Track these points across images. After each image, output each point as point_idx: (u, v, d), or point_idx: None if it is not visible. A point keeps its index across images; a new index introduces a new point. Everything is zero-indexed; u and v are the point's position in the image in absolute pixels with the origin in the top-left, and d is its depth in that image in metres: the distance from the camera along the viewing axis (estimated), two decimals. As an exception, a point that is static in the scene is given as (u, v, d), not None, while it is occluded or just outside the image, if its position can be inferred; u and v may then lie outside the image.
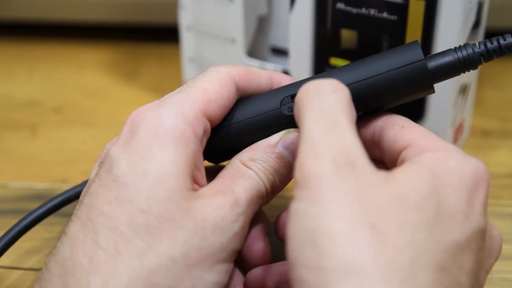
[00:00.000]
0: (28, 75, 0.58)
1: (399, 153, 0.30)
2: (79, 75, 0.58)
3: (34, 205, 0.42)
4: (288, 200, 0.39)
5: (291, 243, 0.25)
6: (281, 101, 0.33)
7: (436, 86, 0.33)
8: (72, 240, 0.28)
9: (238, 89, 0.33)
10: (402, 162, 0.29)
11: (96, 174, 0.30)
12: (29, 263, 0.39)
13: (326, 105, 0.28)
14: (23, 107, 0.54)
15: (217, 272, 0.29)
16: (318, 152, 0.26)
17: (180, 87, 0.32)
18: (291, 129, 0.33)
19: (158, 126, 0.29)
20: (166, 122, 0.29)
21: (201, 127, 0.30)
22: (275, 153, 0.32)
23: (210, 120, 0.31)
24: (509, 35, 0.33)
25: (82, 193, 0.31)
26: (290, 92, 0.33)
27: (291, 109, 0.33)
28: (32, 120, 0.52)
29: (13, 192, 0.45)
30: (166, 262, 0.27)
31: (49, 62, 0.60)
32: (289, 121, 0.33)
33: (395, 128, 0.31)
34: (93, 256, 0.27)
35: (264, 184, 0.32)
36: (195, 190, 0.30)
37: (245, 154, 0.32)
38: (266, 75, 0.34)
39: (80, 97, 0.55)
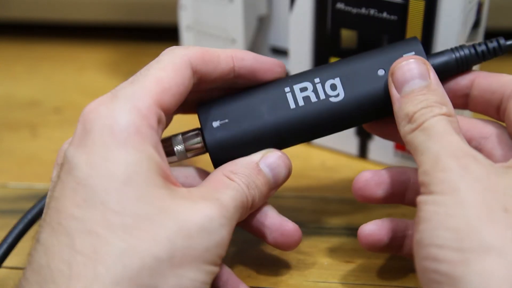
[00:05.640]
0: (28, 75, 0.58)
1: (500, 97, 0.33)
2: (79, 75, 0.58)
3: (34, 205, 0.42)
4: (282, 199, 0.39)
5: (421, 226, 0.28)
6: None
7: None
8: (46, 246, 0.27)
9: (195, 72, 0.32)
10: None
11: (58, 177, 0.29)
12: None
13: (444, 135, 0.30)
14: (23, 107, 0.54)
15: (205, 272, 0.28)
16: (438, 155, 0.28)
17: (133, 76, 0.31)
18: (271, 149, 0.34)
19: (113, 124, 0.29)
20: (120, 119, 0.29)
21: (155, 118, 0.30)
22: (257, 169, 0.33)
23: (164, 110, 0.31)
24: (502, 37, 0.34)
25: (48, 196, 0.30)
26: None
27: None
28: (32, 120, 0.52)
29: (13, 192, 0.45)
30: (149, 262, 0.27)
31: (49, 62, 0.60)
32: None
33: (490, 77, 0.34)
34: (71, 261, 0.26)
35: (246, 196, 0.32)
36: (171, 183, 0.29)
37: (228, 168, 0.33)
38: (226, 54, 0.33)
39: (80, 97, 0.55)
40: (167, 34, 0.61)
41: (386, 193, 0.34)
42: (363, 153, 0.46)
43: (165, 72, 0.31)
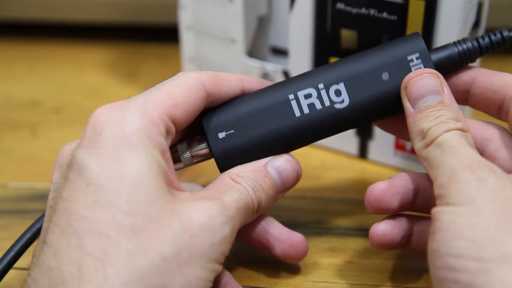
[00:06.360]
0: (28, 75, 0.58)
1: (502, 98, 0.33)
2: (79, 75, 0.58)
3: (34, 205, 0.43)
4: (282, 198, 0.39)
5: (438, 235, 0.28)
6: None
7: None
8: (55, 248, 0.27)
9: (209, 95, 0.33)
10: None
11: (65, 178, 0.29)
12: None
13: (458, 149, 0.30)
14: (23, 107, 0.54)
15: (209, 270, 0.29)
16: (453, 168, 0.29)
17: (146, 90, 0.32)
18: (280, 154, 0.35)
19: (124, 128, 0.29)
20: (132, 123, 0.29)
21: (165, 128, 0.30)
22: (264, 172, 0.33)
23: (174, 123, 0.31)
24: (505, 29, 0.34)
25: (51, 199, 0.30)
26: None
27: None
28: (32, 120, 0.52)
29: (13, 192, 0.45)
30: (157, 262, 0.27)
31: (49, 62, 0.60)
32: None
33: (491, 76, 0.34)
34: (81, 263, 0.26)
35: (252, 199, 0.32)
36: (175, 188, 0.30)
37: (234, 171, 0.33)
38: (236, 78, 0.35)
39: (80, 97, 0.55)
40: (167, 34, 0.61)
41: (401, 203, 0.34)
42: (363, 153, 0.46)
43: (179, 89, 0.32)
